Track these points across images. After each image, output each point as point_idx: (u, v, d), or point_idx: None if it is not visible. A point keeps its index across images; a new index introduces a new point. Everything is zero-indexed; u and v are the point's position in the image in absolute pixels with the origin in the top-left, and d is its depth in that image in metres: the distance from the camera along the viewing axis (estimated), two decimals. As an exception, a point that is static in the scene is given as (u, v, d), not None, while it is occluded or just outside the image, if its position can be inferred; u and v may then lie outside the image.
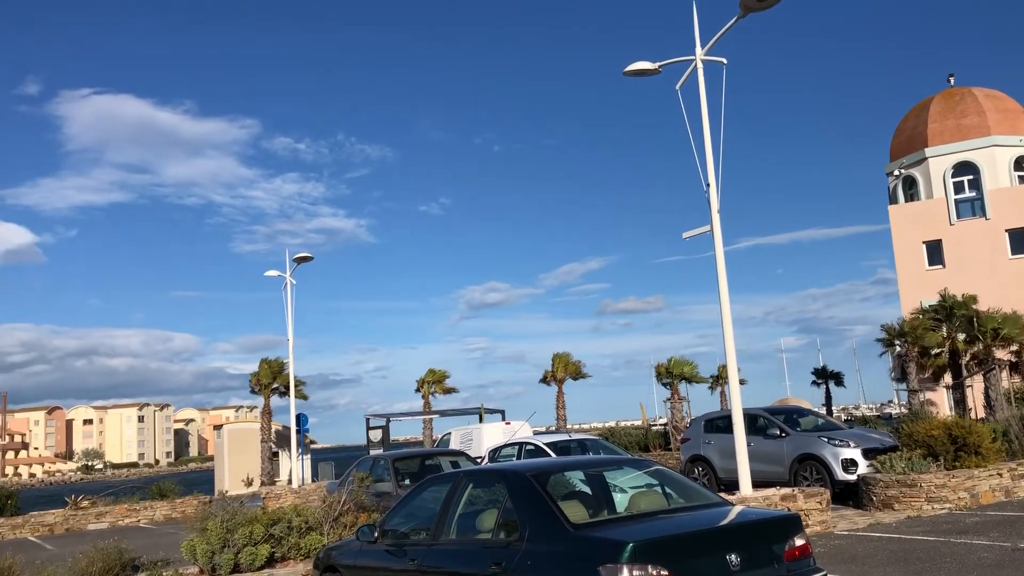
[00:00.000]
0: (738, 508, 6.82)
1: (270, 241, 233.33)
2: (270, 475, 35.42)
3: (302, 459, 31.78)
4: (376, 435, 33.83)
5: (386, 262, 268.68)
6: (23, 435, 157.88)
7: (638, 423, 51.26)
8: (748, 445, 13.34)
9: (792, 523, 6.26)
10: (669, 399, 34.58)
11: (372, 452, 29.10)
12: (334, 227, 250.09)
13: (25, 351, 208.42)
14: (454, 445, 24.69)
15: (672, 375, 34.06)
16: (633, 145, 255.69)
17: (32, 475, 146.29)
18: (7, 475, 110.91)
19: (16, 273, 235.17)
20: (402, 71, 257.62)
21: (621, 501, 7.14)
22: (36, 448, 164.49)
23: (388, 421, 34.67)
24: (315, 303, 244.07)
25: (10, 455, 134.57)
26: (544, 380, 39.62)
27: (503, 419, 31.09)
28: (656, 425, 43.96)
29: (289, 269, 30.41)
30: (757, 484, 13.58)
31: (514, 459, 16.97)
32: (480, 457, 19.22)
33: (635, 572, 5.36)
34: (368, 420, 34.21)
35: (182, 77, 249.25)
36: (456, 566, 6.79)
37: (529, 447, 17.06)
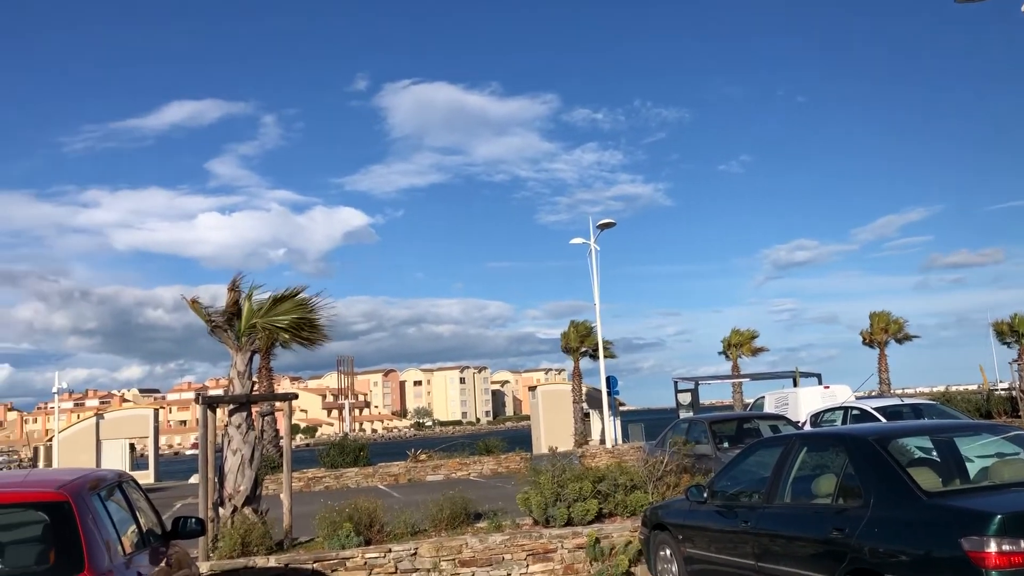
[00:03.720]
0: (1126, 483, 5.98)
1: (571, 211, 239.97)
2: (582, 435, 36.69)
3: (613, 420, 32.57)
4: (685, 398, 33.73)
5: (685, 225, 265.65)
6: (365, 395, 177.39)
7: (973, 387, 46.57)
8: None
9: None
10: (1016, 360, 31.06)
11: (682, 415, 29.12)
12: (632, 193, 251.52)
13: (366, 320, 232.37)
14: (768, 409, 24.00)
15: (1017, 334, 30.49)
16: (956, 81, 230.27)
17: (374, 430, 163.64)
18: (354, 430, 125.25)
19: (355, 251, 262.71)
20: (694, 31, 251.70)
21: (975, 469, 6.54)
22: (376, 406, 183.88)
23: (697, 384, 34.40)
24: (615, 269, 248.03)
25: (356, 412, 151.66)
26: (864, 342, 37.30)
27: (819, 383, 29.66)
28: (998, 389, 39.62)
29: (593, 236, 31.20)
30: None
31: (837, 424, 16.19)
32: (799, 422, 18.51)
33: (1004, 547, 4.91)
34: (676, 383, 34.21)
35: (488, 60, 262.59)
36: (792, 530, 6.62)
37: (855, 412, 16.14)
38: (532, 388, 44.23)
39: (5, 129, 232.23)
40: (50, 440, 36.88)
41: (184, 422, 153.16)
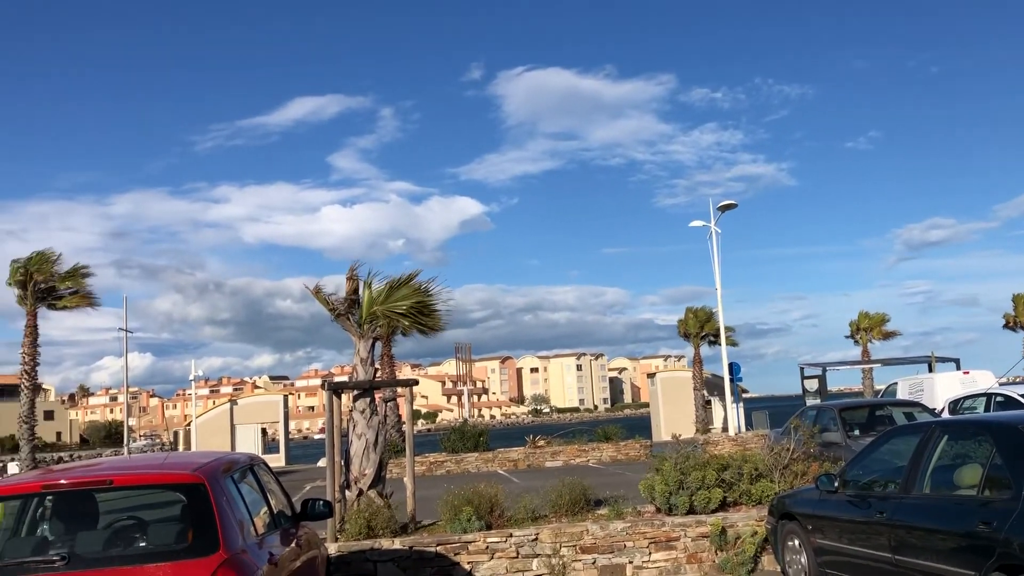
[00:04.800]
0: None
1: (690, 193, 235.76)
2: (704, 422, 36.06)
3: (736, 407, 31.86)
4: (811, 385, 32.68)
5: (811, 205, 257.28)
6: (483, 381, 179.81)
7: None
8: None
9: None
10: None
11: (809, 402, 28.24)
12: (754, 173, 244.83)
13: (483, 308, 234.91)
14: (901, 396, 22.97)
15: None
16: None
17: (492, 416, 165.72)
18: (473, 416, 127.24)
19: (471, 240, 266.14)
20: (817, 3, 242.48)
21: None
22: (494, 393, 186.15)
23: (824, 370, 33.25)
24: (737, 252, 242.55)
25: (474, 399, 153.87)
26: (1007, 325, 35.22)
27: (957, 368, 28.17)
28: None
29: (713, 218, 30.53)
30: None
31: (980, 412, 15.31)
32: (936, 409, 17.61)
33: None
34: (802, 369, 33.15)
35: (602, 44, 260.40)
36: (932, 522, 6.27)
37: (999, 399, 15.22)
38: (651, 375, 43.71)
39: (142, 130, 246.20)
40: (188, 425, 38.96)
41: (312, 407, 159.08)
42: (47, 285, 26.41)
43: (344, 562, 9.30)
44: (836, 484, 7.58)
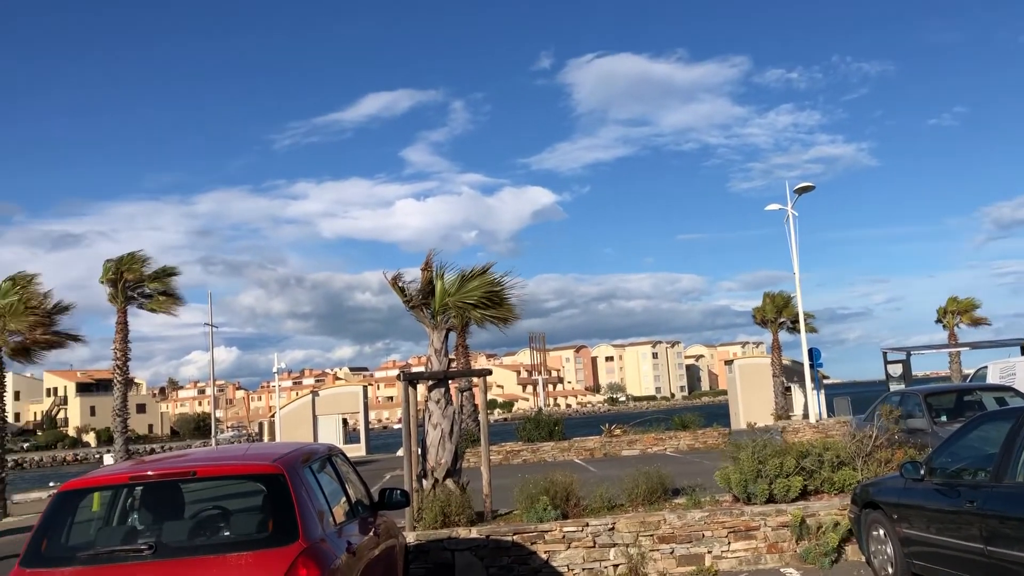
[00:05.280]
0: None
1: (766, 177, 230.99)
2: (784, 409, 35.36)
3: (817, 394, 31.17)
4: (895, 370, 31.68)
5: (892, 185, 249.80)
6: (557, 370, 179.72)
7: None
8: None
9: None
10: None
11: (892, 387, 27.44)
12: (832, 154, 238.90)
13: (556, 298, 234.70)
14: (992, 380, 22.08)
15: None
16: None
17: (568, 405, 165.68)
18: (548, 405, 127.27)
19: (543, 230, 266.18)
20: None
21: None
22: (569, 382, 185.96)
23: (908, 355, 32.22)
24: (816, 236, 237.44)
25: (549, 388, 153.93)
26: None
27: (1053, 351, 26.96)
28: None
29: (790, 201, 29.85)
30: None
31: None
32: (1030, 393, 16.87)
33: None
34: (886, 354, 32.18)
35: (673, 27, 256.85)
36: (1026, 512, 6.01)
37: (1097, 382, 14.53)
38: (728, 362, 43.04)
39: (224, 130, 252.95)
40: (272, 416, 39.93)
41: (391, 398, 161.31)
42: (136, 284, 27.33)
43: (422, 551, 9.41)
44: (922, 472, 7.34)
